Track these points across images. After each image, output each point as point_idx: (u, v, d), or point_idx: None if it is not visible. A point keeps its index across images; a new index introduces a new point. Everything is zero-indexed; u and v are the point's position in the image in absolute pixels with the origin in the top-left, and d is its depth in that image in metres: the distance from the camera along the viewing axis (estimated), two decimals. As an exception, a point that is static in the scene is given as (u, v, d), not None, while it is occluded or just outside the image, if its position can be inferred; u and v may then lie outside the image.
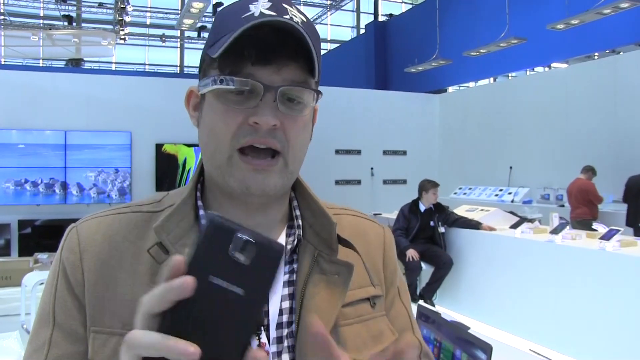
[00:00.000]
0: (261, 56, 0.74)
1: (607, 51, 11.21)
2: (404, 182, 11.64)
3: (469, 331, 1.73)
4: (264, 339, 0.77)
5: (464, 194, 10.86)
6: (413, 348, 0.54)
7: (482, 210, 7.00)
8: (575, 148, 9.72)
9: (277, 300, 0.80)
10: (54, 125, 9.19)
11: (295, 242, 0.84)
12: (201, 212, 0.82)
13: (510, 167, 11.13)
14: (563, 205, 8.89)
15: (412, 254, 6.21)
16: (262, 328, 0.77)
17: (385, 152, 12.10)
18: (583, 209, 7.97)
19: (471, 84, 15.08)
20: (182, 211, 0.80)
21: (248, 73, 0.74)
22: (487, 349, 1.60)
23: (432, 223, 6.50)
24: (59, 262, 0.80)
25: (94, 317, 0.75)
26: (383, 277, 0.93)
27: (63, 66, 20.26)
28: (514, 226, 6.11)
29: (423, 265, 6.37)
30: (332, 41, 23.87)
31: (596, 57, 11.90)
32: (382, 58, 17.41)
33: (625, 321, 4.41)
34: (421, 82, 14.09)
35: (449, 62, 10.94)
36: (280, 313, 0.79)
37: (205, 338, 0.47)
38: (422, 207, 6.54)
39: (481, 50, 9.24)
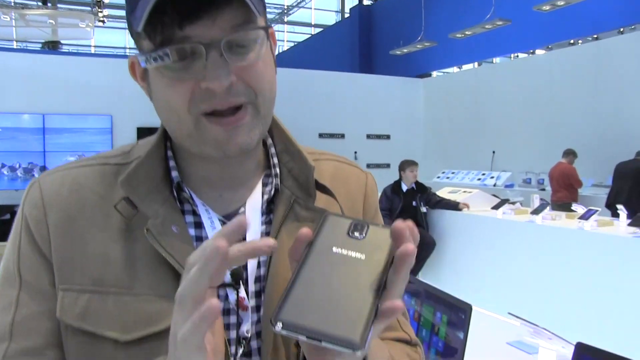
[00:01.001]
0: (188, 12, 0.65)
1: (590, 38, 11.24)
2: (388, 166, 11.64)
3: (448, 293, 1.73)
4: (242, 293, 0.73)
5: (447, 177, 10.91)
6: (398, 312, 0.51)
7: (464, 191, 7.03)
8: (558, 133, 9.80)
9: None
10: (32, 109, 9.03)
11: (273, 191, 0.80)
12: (172, 162, 0.78)
13: (493, 152, 11.20)
14: (544, 189, 8.96)
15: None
16: (241, 282, 0.73)
17: (369, 136, 12.11)
18: (564, 193, 8.05)
19: (455, 69, 15.07)
20: (149, 165, 0.76)
21: (182, 36, 0.66)
22: (467, 309, 1.60)
23: (414, 203, 6.51)
24: (21, 219, 0.76)
25: (62, 275, 0.72)
26: None
27: (39, 49, 19.86)
28: (496, 207, 6.16)
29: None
30: (316, 25, 23.73)
31: (580, 43, 11.95)
32: (366, 41, 17.32)
33: (602, 296, 4.47)
34: (406, 66, 14.06)
35: (434, 44, 10.92)
36: (259, 266, 0.76)
37: (331, 305, 0.49)
38: (405, 187, 6.56)
39: (466, 32, 9.22)
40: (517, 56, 13.62)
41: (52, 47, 19.21)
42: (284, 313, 0.47)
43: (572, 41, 12.14)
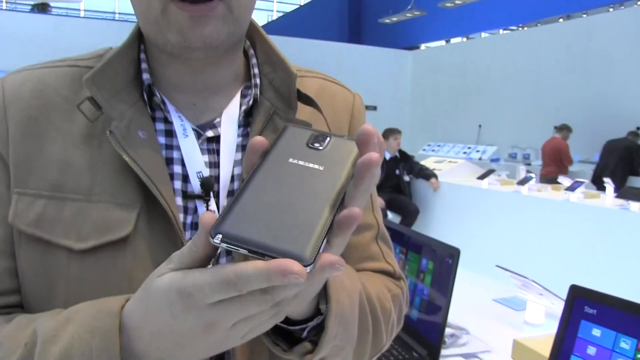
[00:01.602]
0: None
1: (580, 14, 11.13)
2: (373, 137, 11.53)
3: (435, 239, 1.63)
4: (212, 206, 0.69)
5: (433, 150, 10.84)
6: (355, 221, 0.44)
7: (450, 162, 6.96)
8: (545, 109, 9.75)
9: (228, 166, 0.72)
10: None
11: (251, 102, 0.75)
12: (144, 65, 0.73)
13: (480, 126, 11.14)
14: (530, 164, 8.95)
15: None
16: (212, 194, 0.69)
17: (355, 107, 11.94)
18: (553, 167, 8.04)
19: (444, 43, 14.94)
20: (118, 64, 0.71)
21: None
22: (455, 253, 1.50)
23: (397, 171, 6.45)
24: None
25: (18, 177, 0.67)
26: None
27: (29, 10, 19.39)
28: (481, 177, 6.10)
29: (389, 214, 6.32)
30: (306, -4, 23.38)
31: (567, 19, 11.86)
32: (355, 10, 17.10)
33: (589, 268, 4.43)
34: (395, 37, 13.93)
35: (424, 14, 10.76)
36: (232, 180, 0.72)
37: (279, 217, 0.44)
38: (387, 155, 6.47)
39: (456, 2, 9.06)
40: (506, 30, 13.49)
41: (41, 9, 18.70)
42: (226, 225, 0.43)
43: (560, 19, 12.01)
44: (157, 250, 0.65)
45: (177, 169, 0.71)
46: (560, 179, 6.14)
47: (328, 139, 0.51)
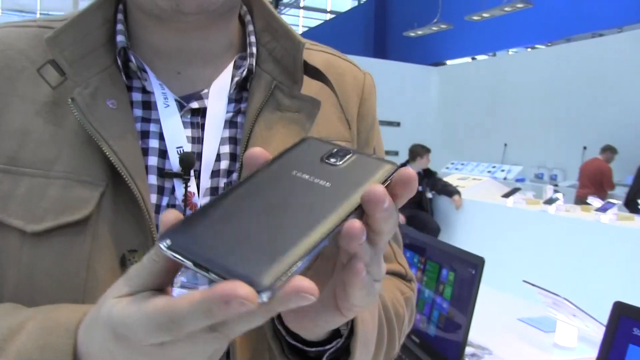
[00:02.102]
0: None
1: (615, 30, 10.88)
2: (396, 153, 11.33)
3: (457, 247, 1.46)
4: (192, 187, 0.61)
5: (456, 169, 10.63)
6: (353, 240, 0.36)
7: (474, 179, 6.77)
8: (574, 128, 9.51)
9: (214, 142, 0.63)
10: None
11: (245, 73, 0.66)
12: (119, 26, 0.65)
13: (505, 144, 10.94)
14: (557, 185, 8.68)
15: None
16: (192, 173, 0.61)
17: (379, 123, 11.84)
18: (591, 190, 7.57)
19: (470, 59, 14.79)
20: (86, 23, 0.63)
21: None
22: (478, 263, 1.33)
23: (420, 188, 6.28)
24: None
25: None
26: (356, 131, 0.74)
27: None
28: (506, 195, 5.90)
29: (409, 230, 6.16)
30: (332, 12, 23.40)
31: (599, 36, 11.62)
32: (381, 23, 17.05)
33: (623, 292, 4.19)
34: (420, 52, 13.84)
35: (450, 27, 10.58)
36: (218, 159, 0.64)
37: (251, 233, 0.35)
38: (412, 171, 6.30)
39: (484, 15, 8.86)
40: (534, 47, 13.29)
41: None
42: (180, 230, 0.35)
43: (591, 36, 11.76)
44: (121, 235, 0.57)
45: (154, 143, 0.62)
46: (590, 199, 5.90)
47: (350, 155, 0.42)
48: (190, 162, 0.60)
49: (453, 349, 1.40)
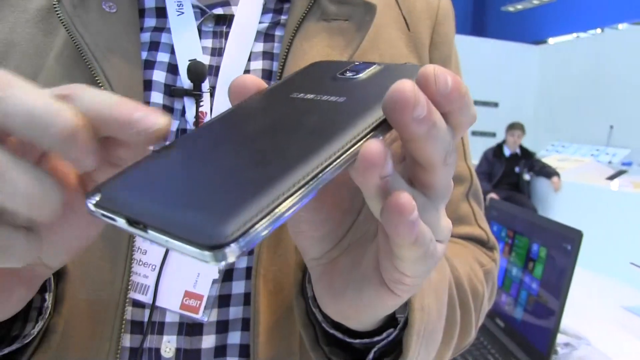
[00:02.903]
0: None
1: None
2: (494, 135, 10.89)
3: (550, 220, 1.29)
4: (205, 106, 0.51)
5: (557, 151, 10.09)
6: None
7: (575, 161, 6.35)
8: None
9: (238, 54, 0.52)
10: None
11: None
12: None
13: (611, 126, 10.24)
14: (669, 170, 8.03)
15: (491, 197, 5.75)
16: (208, 90, 0.51)
17: (475, 102, 11.44)
18: None
19: (574, 35, 13.98)
20: None
21: None
22: (575, 237, 1.16)
23: (517, 169, 6.00)
24: None
25: None
26: (428, 62, 0.60)
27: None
28: (611, 177, 5.48)
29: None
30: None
31: None
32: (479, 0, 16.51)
33: None
34: (521, 29, 13.22)
35: (552, 0, 9.97)
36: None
37: (219, 174, 0.26)
38: (507, 152, 6.05)
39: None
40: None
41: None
42: (116, 183, 0.26)
43: None
44: None
45: (164, 57, 0.52)
46: None
47: (374, 66, 0.32)
48: (200, 73, 0.50)
49: (543, 336, 1.24)
